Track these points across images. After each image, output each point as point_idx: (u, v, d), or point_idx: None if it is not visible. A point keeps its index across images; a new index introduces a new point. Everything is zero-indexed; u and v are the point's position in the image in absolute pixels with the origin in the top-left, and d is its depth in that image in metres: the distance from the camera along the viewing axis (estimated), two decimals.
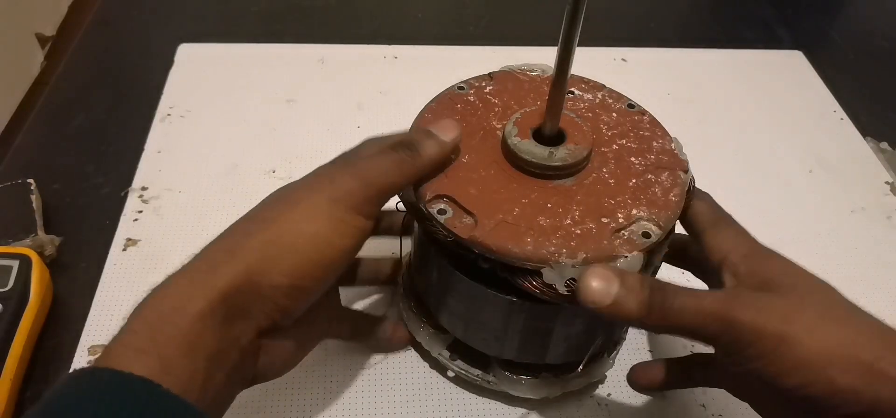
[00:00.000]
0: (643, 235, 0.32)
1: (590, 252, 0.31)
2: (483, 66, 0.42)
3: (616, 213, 0.33)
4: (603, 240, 0.32)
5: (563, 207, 0.33)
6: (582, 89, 0.41)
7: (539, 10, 0.75)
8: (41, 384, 0.40)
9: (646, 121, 0.39)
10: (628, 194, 0.34)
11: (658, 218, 0.33)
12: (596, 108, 0.39)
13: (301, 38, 0.68)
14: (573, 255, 0.31)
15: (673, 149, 0.37)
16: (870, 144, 0.61)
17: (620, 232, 0.32)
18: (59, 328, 0.43)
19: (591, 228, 0.32)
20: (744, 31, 0.76)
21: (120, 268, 0.46)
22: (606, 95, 0.40)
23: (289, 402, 0.39)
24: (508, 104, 0.39)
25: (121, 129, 0.57)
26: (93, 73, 0.64)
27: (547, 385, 0.39)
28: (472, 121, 0.38)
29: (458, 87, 0.40)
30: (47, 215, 0.49)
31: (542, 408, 0.40)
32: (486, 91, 0.40)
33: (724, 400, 0.41)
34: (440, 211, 0.33)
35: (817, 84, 0.67)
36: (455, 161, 0.35)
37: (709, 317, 0.29)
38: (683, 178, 0.35)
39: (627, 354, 0.43)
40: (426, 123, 0.37)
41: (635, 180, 0.35)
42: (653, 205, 0.33)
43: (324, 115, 0.59)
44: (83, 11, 0.72)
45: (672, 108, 0.41)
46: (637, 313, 0.29)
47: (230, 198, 0.51)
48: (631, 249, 0.31)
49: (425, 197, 0.33)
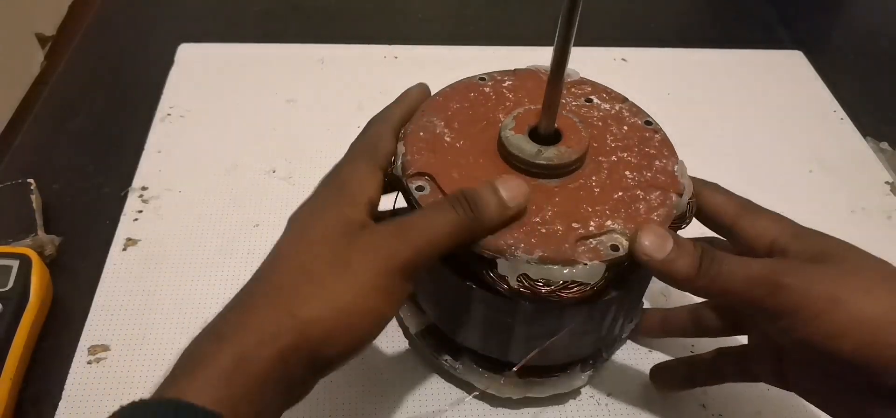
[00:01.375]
0: (611, 248, 0.32)
1: (548, 251, 0.31)
2: (483, 65, 0.42)
3: (589, 221, 0.33)
4: (564, 244, 0.31)
5: (538, 205, 0.33)
6: (602, 99, 0.40)
7: (539, 10, 0.75)
8: (41, 384, 0.40)
9: (656, 139, 0.38)
10: (609, 205, 0.34)
11: (632, 233, 0.32)
12: (609, 119, 0.39)
13: (301, 38, 0.68)
14: (530, 251, 0.31)
15: (675, 171, 0.36)
16: (870, 144, 0.61)
17: (588, 240, 0.32)
18: (58, 328, 0.43)
19: (558, 230, 0.32)
20: (744, 31, 0.76)
21: (120, 267, 0.46)
22: (625, 108, 0.40)
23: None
24: (521, 100, 0.39)
25: (121, 129, 0.57)
26: (93, 73, 0.64)
27: (510, 384, 0.38)
28: (480, 110, 0.39)
29: (480, 77, 0.41)
30: (47, 215, 0.49)
31: (542, 408, 0.40)
32: (504, 85, 0.41)
33: (724, 400, 0.41)
34: (419, 187, 0.34)
35: (817, 84, 0.67)
36: (450, 144, 0.36)
37: (757, 282, 0.29)
38: (674, 201, 0.34)
39: (620, 365, 0.43)
40: (437, 108, 0.38)
41: (622, 193, 0.34)
42: (631, 220, 0.33)
43: (324, 115, 0.59)
44: (83, 11, 0.72)
45: (672, 108, 0.41)
46: (686, 273, 0.30)
47: (230, 198, 0.51)
48: (593, 258, 0.31)
49: (409, 171, 0.34)
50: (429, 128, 0.37)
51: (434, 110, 0.38)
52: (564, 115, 0.36)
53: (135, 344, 0.42)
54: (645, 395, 0.41)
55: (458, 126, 0.37)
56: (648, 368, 0.42)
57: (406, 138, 0.36)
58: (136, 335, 0.42)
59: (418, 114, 0.38)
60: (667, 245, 0.30)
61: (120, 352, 0.41)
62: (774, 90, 0.66)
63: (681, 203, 0.34)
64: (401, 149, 0.36)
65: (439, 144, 0.36)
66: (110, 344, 0.42)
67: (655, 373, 0.41)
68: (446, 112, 0.38)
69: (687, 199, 0.35)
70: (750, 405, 0.41)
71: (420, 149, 0.36)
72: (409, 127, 0.37)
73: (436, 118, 0.38)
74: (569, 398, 0.41)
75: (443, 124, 0.37)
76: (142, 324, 0.43)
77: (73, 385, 0.40)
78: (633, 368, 0.43)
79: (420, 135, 0.37)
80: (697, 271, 0.30)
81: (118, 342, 0.42)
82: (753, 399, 0.41)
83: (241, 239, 0.48)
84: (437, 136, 0.37)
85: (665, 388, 0.41)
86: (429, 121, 0.38)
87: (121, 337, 0.42)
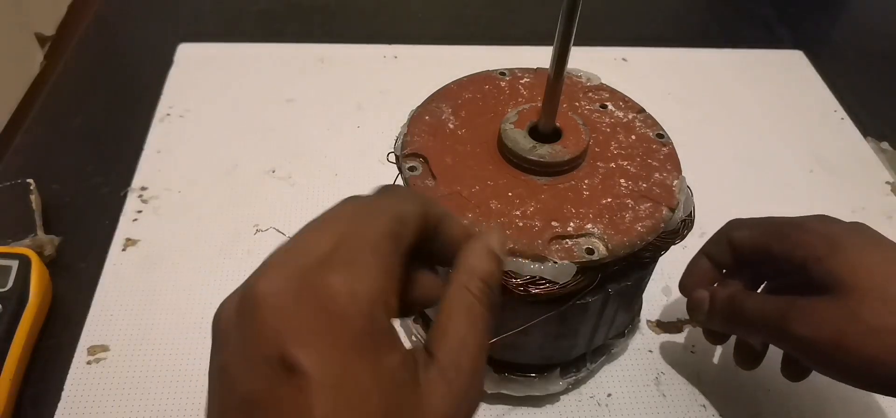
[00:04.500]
0: (586, 250, 0.31)
1: (520, 245, 0.31)
2: (483, 65, 0.42)
3: (569, 222, 0.33)
4: (538, 240, 0.31)
5: (522, 200, 0.33)
6: (618, 106, 0.40)
7: (539, 10, 0.75)
8: (40, 384, 0.40)
9: (663, 152, 0.37)
10: (594, 210, 0.33)
11: (610, 240, 0.32)
12: (619, 126, 0.39)
13: (301, 38, 0.68)
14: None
15: (673, 186, 0.35)
16: (870, 144, 0.61)
17: (563, 239, 0.32)
18: (58, 328, 0.43)
19: (535, 225, 0.32)
20: (744, 30, 0.75)
21: (119, 267, 0.46)
22: (639, 119, 0.39)
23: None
24: (534, 98, 0.39)
25: (120, 129, 0.57)
26: (93, 72, 0.64)
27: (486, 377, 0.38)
28: (491, 103, 0.39)
29: (501, 72, 0.42)
30: (47, 215, 0.49)
31: (542, 408, 0.40)
32: (521, 81, 0.41)
33: (725, 400, 0.41)
34: (411, 167, 0.35)
35: (818, 84, 0.67)
36: (452, 131, 0.37)
37: (767, 325, 0.32)
38: (664, 215, 0.33)
39: (621, 372, 0.43)
40: (448, 95, 0.39)
41: (611, 200, 0.34)
42: (612, 226, 0.33)
43: (324, 115, 0.59)
44: (83, 11, 0.72)
45: (672, 108, 0.40)
46: (698, 316, 0.36)
47: (230, 198, 0.51)
48: (565, 258, 0.31)
49: (405, 150, 0.35)
50: (435, 113, 0.38)
51: (445, 97, 0.39)
52: (570, 116, 0.36)
53: (134, 344, 0.42)
54: (645, 395, 0.41)
55: (465, 115, 0.38)
56: (648, 368, 0.42)
57: (412, 120, 0.37)
58: (136, 335, 0.42)
59: (428, 100, 0.39)
60: (705, 304, 0.35)
61: (119, 352, 0.41)
62: (775, 90, 0.66)
63: (673, 218, 0.34)
64: (404, 130, 0.37)
65: (441, 130, 0.37)
66: (110, 345, 0.41)
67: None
68: (456, 100, 0.39)
69: (682, 216, 0.34)
70: (750, 405, 0.41)
71: (421, 132, 0.36)
72: (416, 110, 0.38)
73: (444, 105, 0.39)
74: (569, 398, 0.41)
75: (450, 112, 0.38)
76: (141, 324, 0.43)
77: (72, 385, 0.40)
78: (633, 368, 0.43)
79: (425, 119, 0.37)
80: (711, 312, 0.35)
81: (118, 342, 0.42)
82: (753, 399, 0.41)
83: (241, 239, 0.48)
84: (441, 122, 0.37)
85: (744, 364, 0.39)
86: (437, 107, 0.38)
87: (120, 338, 0.42)
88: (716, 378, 0.42)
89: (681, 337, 0.44)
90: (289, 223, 0.49)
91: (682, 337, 0.44)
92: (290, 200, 0.52)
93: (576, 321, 0.35)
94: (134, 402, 0.38)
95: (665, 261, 0.38)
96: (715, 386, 0.42)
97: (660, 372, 0.42)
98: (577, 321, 0.35)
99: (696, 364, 0.43)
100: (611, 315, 0.37)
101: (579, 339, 0.37)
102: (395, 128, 0.37)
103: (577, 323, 0.35)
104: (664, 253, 0.35)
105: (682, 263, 0.39)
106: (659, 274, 0.47)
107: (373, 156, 0.54)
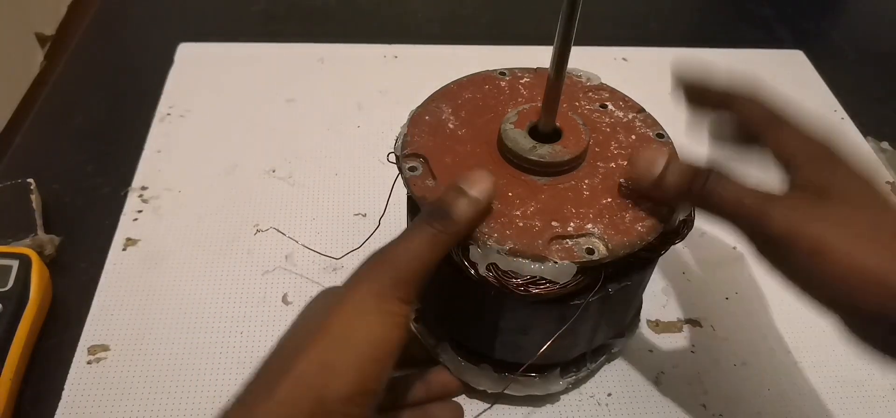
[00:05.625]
0: (586, 250, 0.31)
1: (520, 244, 0.31)
2: (483, 65, 0.42)
3: (569, 222, 0.32)
4: (538, 239, 0.31)
5: (523, 200, 0.33)
6: (618, 106, 0.40)
7: (539, 10, 0.75)
8: (40, 384, 0.40)
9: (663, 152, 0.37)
10: (594, 210, 0.33)
11: (610, 240, 0.32)
12: (619, 126, 0.39)
13: (301, 37, 0.68)
14: (502, 242, 0.31)
15: None
16: (871, 144, 0.61)
17: (564, 239, 0.32)
18: (58, 328, 0.43)
19: (535, 225, 0.32)
20: (744, 30, 0.75)
21: (119, 267, 0.46)
22: (639, 118, 0.39)
23: None
24: (535, 98, 0.39)
25: (120, 129, 0.57)
26: (93, 72, 0.64)
27: (483, 375, 0.39)
28: (491, 102, 0.39)
29: (500, 72, 0.41)
30: (47, 215, 0.49)
31: (542, 408, 0.40)
32: (521, 81, 0.41)
33: (725, 400, 0.41)
34: (411, 167, 0.35)
35: (818, 84, 0.67)
36: (452, 131, 0.37)
37: (745, 213, 0.29)
38: (664, 215, 0.33)
39: (618, 373, 0.43)
40: (448, 95, 0.39)
41: (611, 200, 0.34)
42: (613, 227, 0.32)
43: (324, 115, 0.59)
44: (83, 11, 0.72)
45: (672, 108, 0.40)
46: (676, 189, 0.31)
47: (230, 198, 0.51)
48: (565, 258, 0.31)
49: (405, 151, 0.35)
50: (435, 113, 0.38)
51: (445, 97, 0.39)
52: (570, 116, 0.36)
53: (134, 344, 0.42)
54: (645, 395, 0.41)
55: (465, 115, 0.38)
56: (648, 368, 0.42)
57: (412, 120, 0.37)
58: (136, 335, 0.42)
59: (428, 100, 0.39)
60: (658, 163, 0.32)
61: (119, 352, 0.41)
62: (775, 90, 0.66)
63: (673, 218, 0.34)
64: (404, 130, 0.37)
65: (441, 129, 0.37)
66: (110, 345, 0.42)
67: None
68: (456, 100, 0.39)
69: (682, 216, 0.34)
70: (750, 405, 0.41)
71: (421, 132, 0.36)
72: (417, 110, 0.38)
73: (444, 104, 0.39)
74: (569, 398, 0.41)
75: (450, 111, 0.38)
76: (141, 324, 0.43)
77: (72, 385, 0.40)
78: (633, 368, 0.43)
79: (425, 119, 0.37)
80: (689, 187, 0.31)
81: (118, 342, 0.42)
82: (753, 399, 0.41)
83: (241, 239, 0.48)
84: (440, 122, 0.37)
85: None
86: (437, 106, 0.38)
87: (120, 338, 0.42)
88: (716, 377, 0.42)
89: (681, 337, 0.44)
90: (289, 223, 0.49)
91: (683, 337, 0.44)
92: (290, 200, 0.52)
93: (577, 321, 0.35)
94: (134, 402, 0.38)
95: (665, 261, 0.38)
96: (715, 386, 0.42)
97: (660, 372, 0.42)
98: (579, 321, 0.35)
99: (696, 364, 0.43)
100: (611, 314, 0.37)
101: (579, 339, 0.37)
102: (395, 128, 0.37)
103: (577, 323, 0.35)
104: (664, 253, 0.35)
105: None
106: (659, 274, 0.47)
107: (373, 156, 0.54)
